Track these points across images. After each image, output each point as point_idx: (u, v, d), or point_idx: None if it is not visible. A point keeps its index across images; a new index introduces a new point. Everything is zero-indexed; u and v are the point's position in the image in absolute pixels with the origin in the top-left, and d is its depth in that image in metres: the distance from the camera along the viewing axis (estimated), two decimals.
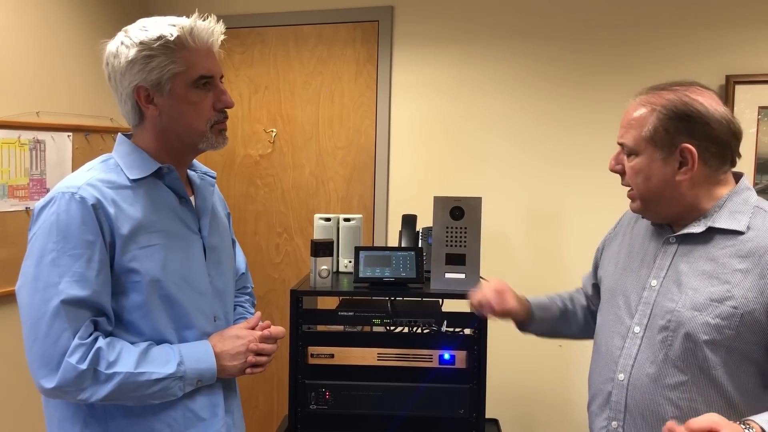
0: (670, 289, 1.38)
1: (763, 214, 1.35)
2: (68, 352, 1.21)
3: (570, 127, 2.82)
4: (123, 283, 1.28)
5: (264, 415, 3.24)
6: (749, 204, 1.36)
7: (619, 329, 1.46)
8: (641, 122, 1.37)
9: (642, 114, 1.38)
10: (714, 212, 1.37)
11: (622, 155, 1.45)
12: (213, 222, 1.49)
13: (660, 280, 1.41)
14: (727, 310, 1.29)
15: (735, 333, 1.29)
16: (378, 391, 1.93)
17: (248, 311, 1.67)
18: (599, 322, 1.57)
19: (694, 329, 1.31)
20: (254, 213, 3.24)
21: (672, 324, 1.35)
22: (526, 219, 2.89)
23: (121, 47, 1.31)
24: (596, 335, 1.58)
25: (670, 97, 1.35)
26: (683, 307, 1.34)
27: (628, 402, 1.40)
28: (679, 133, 1.33)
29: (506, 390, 2.83)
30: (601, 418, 1.47)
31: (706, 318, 1.30)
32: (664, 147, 1.35)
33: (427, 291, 1.98)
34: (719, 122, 1.33)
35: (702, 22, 2.67)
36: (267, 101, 3.19)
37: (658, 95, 1.37)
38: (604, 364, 1.49)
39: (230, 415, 1.46)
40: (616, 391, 1.43)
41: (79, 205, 1.24)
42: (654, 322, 1.39)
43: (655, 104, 1.36)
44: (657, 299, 1.40)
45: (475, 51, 2.91)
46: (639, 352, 1.40)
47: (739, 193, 1.38)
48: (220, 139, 1.39)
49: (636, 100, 1.42)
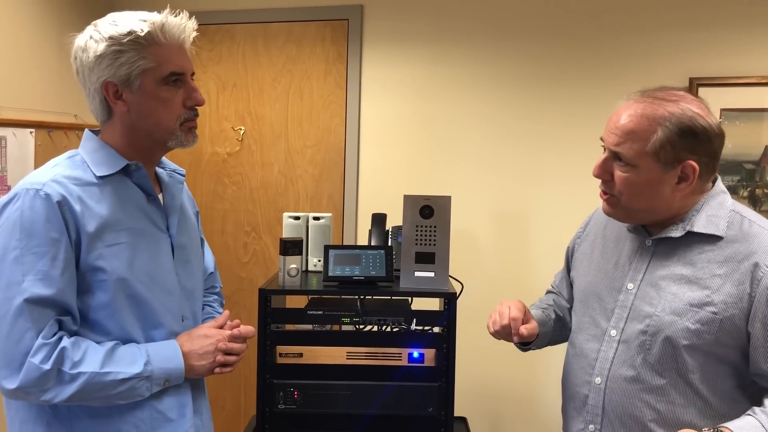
0: (648, 293, 1.38)
1: (740, 218, 1.35)
2: (31, 351, 1.19)
3: (539, 125, 2.86)
4: (89, 281, 1.26)
5: (231, 415, 3.21)
6: (725, 208, 1.36)
7: (595, 332, 1.46)
8: (644, 135, 1.30)
9: (644, 126, 1.31)
10: (692, 216, 1.36)
11: (610, 163, 1.37)
12: (181, 220, 1.47)
13: (637, 283, 1.40)
14: (706, 316, 1.29)
15: (714, 338, 1.29)
16: (347, 390, 1.93)
17: (217, 311, 1.65)
18: (574, 324, 1.56)
19: (674, 334, 1.31)
20: (222, 211, 3.21)
21: (651, 328, 1.35)
22: (495, 218, 2.92)
23: (90, 41, 1.29)
24: (571, 337, 1.57)
25: (674, 110, 1.30)
26: (663, 311, 1.34)
27: (606, 405, 1.40)
28: (684, 150, 1.30)
29: (475, 388, 2.85)
30: (578, 421, 1.48)
31: (686, 323, 1.30)
32: (667, 162, 1.30)
33: (396, 289, 1.98)
34: (718, 137, 1.32)
35: (666, 25, 2.72)
36: (235, 99, 3.16)
37: (660, 105, 1.31)
38: (579, 366, 1.48)
39: (199, 415, 1.45)
40: (593, 395, 1.43)
41: (43, 202, 1.22)
42: (631, 325, 1.38)
43: (661, 117, 1.30)
44: (634, 303, 1.39)
45: (444, 50, 2.93)
46: (616, 355, 1.40)
47: (715, 196, 1.38)
48: (189, 137, 1.37)
49: (630, 107, 1.34)
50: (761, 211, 2.64)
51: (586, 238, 1.63)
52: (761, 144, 2.65)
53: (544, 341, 1.69)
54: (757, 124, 2.64)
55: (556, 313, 1.71)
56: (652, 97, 1.34)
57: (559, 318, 1.71)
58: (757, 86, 2.64)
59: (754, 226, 1.33)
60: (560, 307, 1.73)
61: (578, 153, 2.79)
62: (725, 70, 2.67)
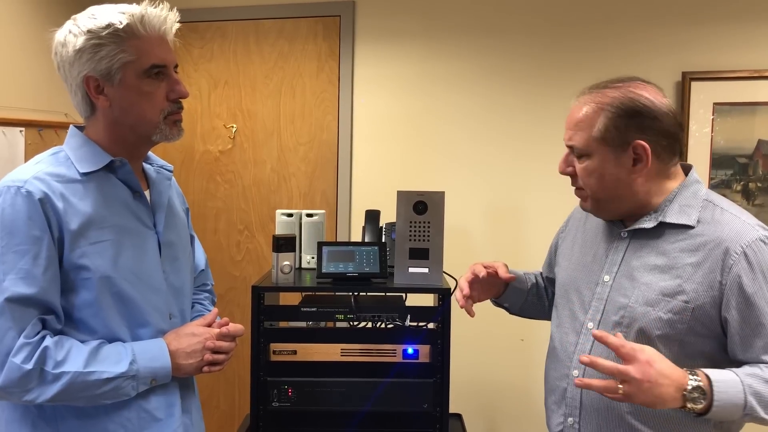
0: (623, 284, 1.38)
1: (712, 207, 1.35)
2: (13, 351, 1.17)
3: (531, 122, 2.85)
4: (72, 279, 1.24)
5: (225, 414, 3.20)
6: (698, 197, 1.37)
7: (573, 325, 1.47)
8: (589, 122, 1.35)
9: (588, 114, 1.35)
10: (665, 206, 1.37)
11: (571, 157, 1.42)
12: (169, 217, 1.45)
13: (612, 275, 1.41)
14: (678, 305, 1.30)
15: (687, 327, 1.29)
16: (341, 387, 1.91)
17: (207, 309, 1.63)
18: (554, 318, 1.57)
19: (647, 325, 1.32)
20: (214, 210, 3.19)
21: (625, 320, 1.35)
22: (489, 213, 2.91)
23: (69, 36, 1.27)
24: (551, 331, 1.58)
25: (615, 94, 1.33)
26: (636, 302, 1.34)
27: (584, 398, 1.41)
28: (630, 130, 1.32)
29: (469, 384, 2.84)
30: (558, 414, 1.48)
31: (659, 313, 1.31)
32: (617, 145, 1.33)
33: (390, 286, 1.96)
34: (666, 115, 1.33)
35: (658, 19, 2.71)
36: (227, 96, 3.14)
37: (602, 94, 1.35)
38: (558, 360, 1.49)
39: (188, 414, 1.43)
40: (571, 388, 1.43)
41: (25, 200, 1.20)
42: (607, 317, 1.39)
43: (601, 103, 1.34)
44: (610, 294, 1.40)
45: (437, 46, 2.91)
46: (593, 348, 1.40)
47: (689, 186, 1.38)
48: (174, 131, 1.35)
49: (579, 101, 1.39)
50: (754, 205, 2.63)
51: (567, 233, 1.65)
52: (754, 138, 2.64)
53: (515, 300, 1.74)
54: (750, 118, 2.63)
55: (537, 281, 1.78)
56: (597, 88, 1.38)
57: (539, 287, 1.76)
58: (749, 80, 2.62)
59: (726, 214, 1.33)
60: (541, 279, 1.79)
61: None
62: (718, 64, 2.66)
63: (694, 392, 1.18)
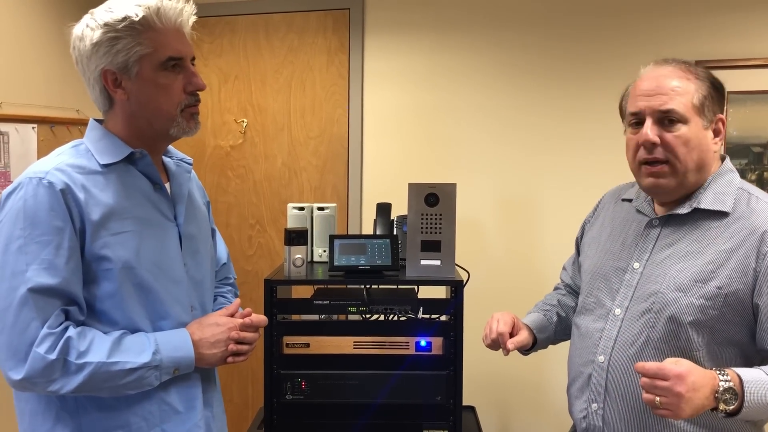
0: (654, 271, 1.39)
1: (747, 195, 1.36)
2: (36, 341, 1.17)
3: (544, 114, 2.84)
4: (94, 270, 1.24)
5: (239, 408, 3.21)
6: (733, 185, 1.38)
7: (600, 312, 1.47)
8: (686, 90, 1.35)
9: (684, 82, 1.36)
10: (699, 194, 1.38)
11: (658, 126, 1.36)
12: (190, 210, 1.45)
13: (643, 262, 1.41)
14: (711, 291, 1.30)
15: (719, 313, 1.30)
16: (354, 380, 1.92)
17: (229, 301, 1.62)
18: (580, 305, 1.57)
19: (678, 311, 1.32)
20: (226, 205, 3.20)
21: (656, 306, 1.35)
22: (501, 206, 2.90)
23: (86, 30, 1.27)
24: (576, 318, 1.58)
25: (701, 69, 1.40)
26: (667, 288, 1.34)
27: (609, 384, 1.41)
28: (716, 104, 1.38)
29: (483, 377, 2.84)
30: (581, 401, 1.48)
31: (690, 299, 1.31)
32: (707, 116, 1.37)
33: (402, 278, 1.97)
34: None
35: (671, 8, 2.70)
36: (237, 91, 3.15)
37: (687, 66, 1.39)
38: (584, 346, 1.49)
39: (209, 408, 1.43)
40: (596, 374, 1.43)
41: (47, 191, 1.21)
42: (636, 304, 1.39)
43: (696, 74, 1.38)
44: (640, 282, 1.40)
45: (447, 39, 2.91)
46: (619, 333, 1.40)
47: (723, 174, 1.40)
48: (192, 124, 1.36)
49: (660, 70, 1.39)
50: None
51: (595, 221, 1.65)
52: None
53: (545, 345, 1.71)
54: (765, 107, 2.61)
55: (559, 315, 1.71)
56: (674, 61, 1.41)
57: (562, 319, 1.71)
58: (764, 68, 2.60)
59: (761, 202, 1.35)
60: (564, 307, 1.73)
61: (584, 140, 2.78)
62: (731, 52, 2.64)
63: (726, 393, 1.18)
